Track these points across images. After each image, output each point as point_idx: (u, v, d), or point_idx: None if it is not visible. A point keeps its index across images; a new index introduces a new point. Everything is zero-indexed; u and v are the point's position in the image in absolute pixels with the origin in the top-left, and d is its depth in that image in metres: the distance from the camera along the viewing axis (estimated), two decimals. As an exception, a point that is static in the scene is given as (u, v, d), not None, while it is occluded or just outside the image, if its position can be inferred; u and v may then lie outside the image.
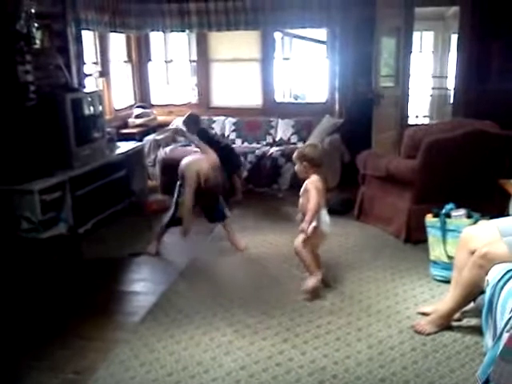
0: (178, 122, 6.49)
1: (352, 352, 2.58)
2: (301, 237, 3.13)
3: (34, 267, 3.38)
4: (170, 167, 4.60)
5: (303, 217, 3.16)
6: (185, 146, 5.82)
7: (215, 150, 4.86)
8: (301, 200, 3.22)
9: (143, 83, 6.87)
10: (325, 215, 3.19)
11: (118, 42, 6.49)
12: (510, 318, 2.04)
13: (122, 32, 6.18)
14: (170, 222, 3.89)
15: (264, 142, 6.25)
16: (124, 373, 2.48)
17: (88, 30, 5.30)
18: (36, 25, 4.18)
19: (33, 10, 4.11)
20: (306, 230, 3.07)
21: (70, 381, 2.46)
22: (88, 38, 5.59)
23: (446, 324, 2.72)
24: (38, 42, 4.27)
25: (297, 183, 4.07)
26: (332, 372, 2.42)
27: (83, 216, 4.27)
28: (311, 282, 3.14)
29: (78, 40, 4.96)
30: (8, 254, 3.33)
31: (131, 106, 6.59)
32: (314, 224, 3.08)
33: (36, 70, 4.18)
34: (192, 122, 5.33)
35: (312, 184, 3.11)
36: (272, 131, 6.33)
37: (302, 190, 3.20)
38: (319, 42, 6.93)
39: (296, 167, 3.24)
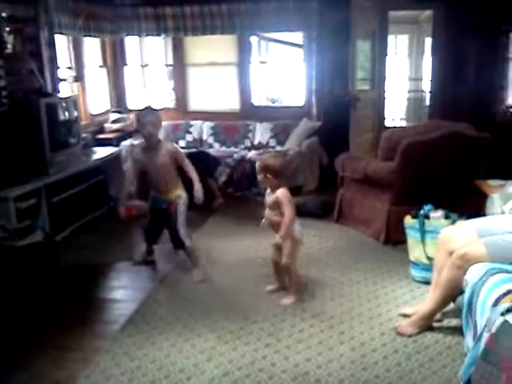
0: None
1: (335, 355, 2.57)
2: (286, 252, 3.08)
3: (9, 276, 3.30)
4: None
5: (273, 230, 3.15)
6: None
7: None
8: (268, 212, 3.13)
9: (119, 88, 6.81)
10: (297, 224, 3.13)
11: (92, 46, 6.41)
12: (489, 318, 2.06)
13: (96, 36, 6.11)
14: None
15: (242, 146, 6.25)
16: (105, 382, 2.43)
17: (61, 34, 5.23)
18: (7, 29, 4.12)
19: (4, 14, 4.05)
20: (283, 241, 3.05)
21: (49, 392, 2.41)
22: (62, 42, 5.51)
23: (427, 325, 2.74)
24: (9, 46, 4.21)
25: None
26: (315, 376, 2.41)
27: (60, 223, 4.20)
28: (290, 300, 3.13)
29: (51, 44, 4.88)
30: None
31: (107, 111, 6.51)
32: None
33: (8, 74, 4.11)
34: None
35: (284, 196, 3.02)
36: (250, 135, 6.33)
37: (269, 201, 3.10)
38: (296, 45, 6.96)
39: (259, 178, 3.10)
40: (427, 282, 3.13)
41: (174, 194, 3.53)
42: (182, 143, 6.40)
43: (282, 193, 3.03)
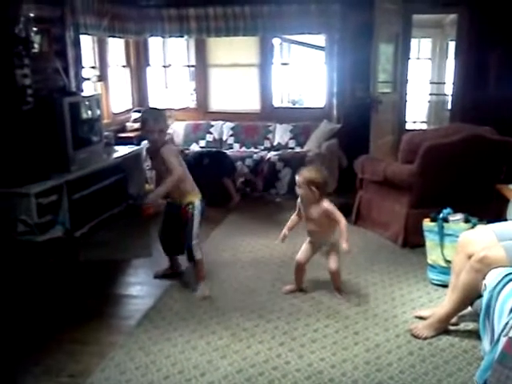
0: (175, 127, 6.51)
1: (349, 356, 2.56)
2: (336, 257, 3.20)
3: (29, 270, 3.37)
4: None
5: (315, 238, 3.24)
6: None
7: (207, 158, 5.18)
8: (313, 226, 3.20)
9: (141, 87, 6.88)
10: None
11: (116, 46, 6.49)
12: (507, 323, 2.04)
13: (120, 37, 6.19)
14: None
15: (262, 147, 6.26)
16: (119, 376, 2.46)
17: (87, 34, 5.31)
18: (35, 29, 4.19)
19: (32, 15, 4.13)
20: (347, 248, 3.07)
21: (64, 384, 2.45)
22: (86, 42, 5.60)
23: (443, 328, 2.71)
24: (36, 45, 4.28)
25: (294, 188, 4.08)
26: (329, 376, 2.41)
27: (80, 219, 4.26)
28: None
29: (77, 44, 4.97)
30: (4, 257, 3.31)
31: (129, 110, 6.58)
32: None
33: (34, 73, 4.18)
34: None
35: (331, 206, 3.10)
36: (270, 136, 6.34)
37: (315, 214, 3.13)
38: (317, 47, 6.96)
39: (301, 191, 3.13)
40: (444, 285, 3.11)
41: (185, 199, 3.32)
42: (203, 143, 6.44)
43: (327, 204, 3.11)
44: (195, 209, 3.31)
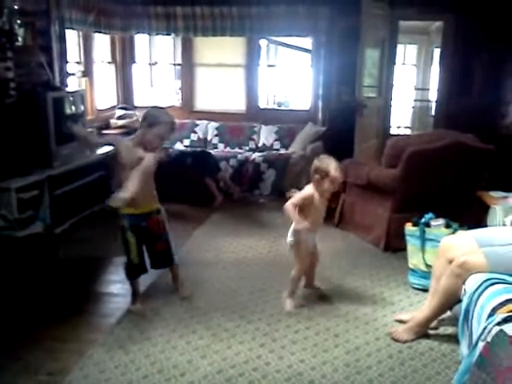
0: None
1: (329, 358, 2.57)
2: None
3: (8, 266, 3.31)
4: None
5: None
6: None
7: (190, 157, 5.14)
8: (320, 215, 3.21)
9: (127, 84, 6.83)
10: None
11: (102, 42, 6.44)
12: (485, 328, 2.06)
13: (106, 33, 6.14)
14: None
15: (247, 148, 6.26)
16: (98, 374, 2.43)
17: (72, 29, 5.26)
18: (19, 22, 4.12)
19: (16, 7, 4.06)
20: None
21: (43, 382, 2.41)
22: (72, 37, 5.54)
23: (422, 332, 2.74)
24: (20, 39, 4.21)
25: (278, 189, 4.11)
26: (309, 377, 2.41)
27: (61, 216, 4.21)
28: (290, 303, 3.10)
29: (62, 39, 4.91)
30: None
31: (114, 107, 6.53)
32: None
33: (17, 67, 4.12)
34: None
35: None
36: (255, 137, 6.35)
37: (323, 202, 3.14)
38: (304, 50, 6.98)
39: (315, 179, 3.09)
40: (424, 290, 3.14)
41: (152, 205, 3.07)
42: (187, 142, 6.42)
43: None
44: (163, 214, 3.12)
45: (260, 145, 6.28)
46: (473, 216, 3.90)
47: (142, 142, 2.97)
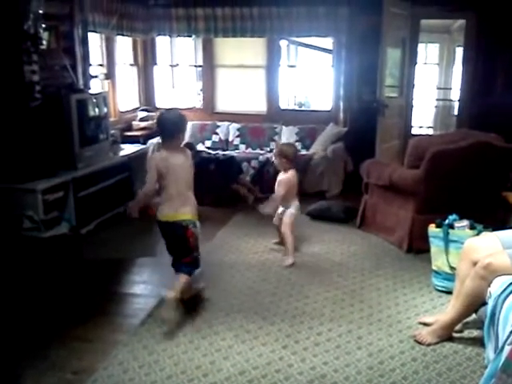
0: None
1: (352, 360, 2.56)
2: (287, 221, 3.84)
3: (35, 266, 3.37)
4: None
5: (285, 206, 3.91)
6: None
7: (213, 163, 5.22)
8: (276, 188, 3.90)
9: (148, 86, 6.90)
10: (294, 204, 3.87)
11: (124, 45, 6.52)
12: (511, 332, 2.03)
13: (128, 35, 6.21)
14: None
15: (268, 149, 6.26)
16: (123, 374, 2.46)
17: (95, 32, 5.33)
18: (43, 25, 4.20)
19: (41, 11, 4.13)
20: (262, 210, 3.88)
21: (68, 381, 2.45)
22: (95, 40, 5.62)
23: (447, 335, 2.71)
24: (44, 42, 4.29)
25: (300, 190, 4.11)
26: (332, 380, 2.40)
27: (86, 217, 4.27)
28: (290, 260, 3.76)
29: (85, 42, 5.00)
30: (10, 253, 3.32)
31: (136, 109, 6.61)
32: (293, 211, 3.86)
33: (42, 70, 4.19)
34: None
35: (284, 179, 3.83)
36: (276, 138, 6.35)
37: (279, 179, 3.87)
38: (325, 50, 6.97)
39: (275, 161, 3.92)
40: (448, 292, 3.11)
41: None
42: (209, 143, 6.46)
43: (286, 175, 3.84)
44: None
45: (281, 145, 6.27)
46: (497, 217, 3.85)
47: (179, 147, 3.04)
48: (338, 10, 5.89)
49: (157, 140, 6.02)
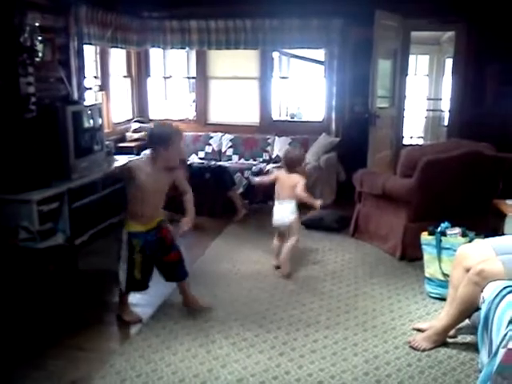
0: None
1: (348, 366, 2.59)
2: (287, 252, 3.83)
3: (30, 277, 3.37)
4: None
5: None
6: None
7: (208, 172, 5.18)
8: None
9: (142, 98, 6.93)
10: (275, 208, 3.94)
11: (118, 56, 6.56)
12: (505, 334, 2.07)
13: (122, 47, 6.25)
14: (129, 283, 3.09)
15: (261, 159, 6.30)
16: (120, 383, 2.47)
17: (90, 44, 5.36)
18: (39, 38, 4.23)
19: (37, 24, 4.17)
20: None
21: (67, 391, 2.46)
22: (89, 52, 5.65)
23: (441, 340, 2.74)
24: (40, 54, 4.31)
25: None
26: (328, 386, 2.43)
27: (80, 227, 4.26)
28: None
29: (80, 54, 5.03)
30: (6, 263, 3.32)
31: (129, 120, 6.63)
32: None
33: (37, 82, 4.21)
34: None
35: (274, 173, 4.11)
36: (269, 148, 6.39)
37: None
38: (317, 61, 7.05)
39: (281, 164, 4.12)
40: (442, 299, 3.15)
41: (158, 217, 3.10)
42: (202, 154, 6.48)
43: (294, 175, 3.87)
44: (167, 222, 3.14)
45: (274, 156, 6.31)
46: (489, 224, 3.91)
47: (162, 161, 2.96)
48: (331, 22, 5.96)
49: (149, 151, 6.04)
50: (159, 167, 2.98)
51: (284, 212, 3.84)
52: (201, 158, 6.38)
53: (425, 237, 3.43)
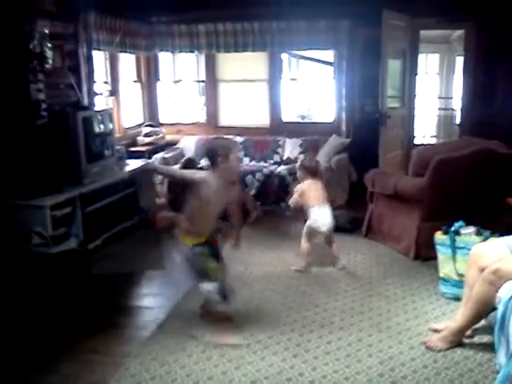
0: (186, 141, 6.56)
1: (363, 368, 2.57)
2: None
3: (44, 282, 3.39)
4: (176, 184, 4.65)
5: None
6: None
7: None
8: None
9: (152, 102, 6.96)
10: (316, 213, 3.87)
11: (127, 61, 6.59)
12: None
13: (131, 52, 6.28)
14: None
15: (271, 161, 6.29)
16: (135, 387, 2.48)
17: (99, 50, 5.40)
18: (49, 45, 4.26)
19: (46, 31, 4.20)
20: None
21: (81, 394, 2.47)
22: (99, 57, 5.69)
23: (457, 341, 2.71)
24: (50, 61, 4.33)
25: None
26: (343, 387, 2.41)
27: (93, 232, 4.29)
28: (298, 265, 3.86)
29: (89, 60, 5.06)
30: (20, 268, 3.34)
31: (140, 125, 6.66)
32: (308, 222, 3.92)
33: (48, 88, 4.24)
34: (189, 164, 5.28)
35: (296, 187, 4.06)
36: (279, 150, 6.38)
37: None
38: (326, 63, 7.03)
39: (298, 174, 4.13)
40: (457, 299, 3.11)
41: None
42: (213, 157, 6.48)
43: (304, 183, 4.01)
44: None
45: (285, 158, 6.30)
46: (503, 223, 3.87)
47: (223, 175, 2.91)
48: (338, 22, 5.96)
49: (161, 155, 6.07)
50: (221, 181, 2.92)
51: (328, 215, 3.88)
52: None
53: (439, 236, 3.40)
